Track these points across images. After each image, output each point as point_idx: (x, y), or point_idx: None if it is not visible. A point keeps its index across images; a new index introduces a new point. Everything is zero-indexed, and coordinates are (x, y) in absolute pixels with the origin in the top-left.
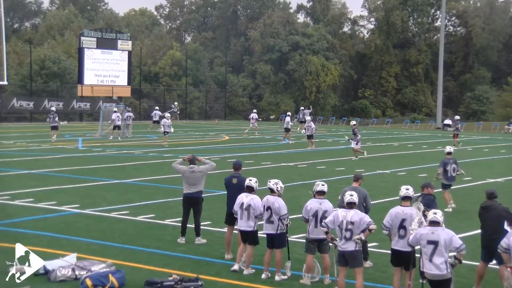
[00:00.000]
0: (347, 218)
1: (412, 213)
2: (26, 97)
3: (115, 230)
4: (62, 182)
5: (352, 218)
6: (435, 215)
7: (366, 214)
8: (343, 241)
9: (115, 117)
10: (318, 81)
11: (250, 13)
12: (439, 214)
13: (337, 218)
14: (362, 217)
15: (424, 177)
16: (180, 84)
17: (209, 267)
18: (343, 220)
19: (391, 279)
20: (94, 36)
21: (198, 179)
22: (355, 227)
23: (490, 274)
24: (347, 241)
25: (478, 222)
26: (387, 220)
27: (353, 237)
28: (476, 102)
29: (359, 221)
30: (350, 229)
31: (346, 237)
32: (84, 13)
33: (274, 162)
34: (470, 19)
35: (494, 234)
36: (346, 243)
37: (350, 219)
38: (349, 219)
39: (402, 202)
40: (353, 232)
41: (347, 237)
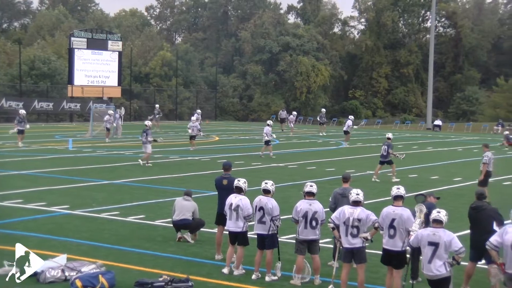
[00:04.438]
0: (354, 215)
1: (403, 214)
2: (15, 98)
3: (106, 230)
4: (52, 182)
5: (359, 215)
6: (438, 214)
7: (372, 212)
8: (349, 237)
9: (106, 119)
10: (308, 81)
11: (240, 13)
12: (443, 213)
13: (343, 214)
14: (368, 214)
15: (414, 177)
16: (170, 84)
17: (200, 268)
18: (349, 217)
19: (383, 279)
20: (85, 36)
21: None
22: (362, 224)
23: (478, 274)
24: (354, 237)
25: (468, 223)
26: (380, 220)
27: (359, 234)
28: (466, 103)
29: (366, 218)
30: (357, 226)
31: (352, 234)
32: (74, 13)
33: (264, 162)
34: (459, 20)
35: (483, 234)
36: (354, 239)
37: (357, 216)
38: (356, 216)
39: (394, 201)
40: (360, 229)
41: (354, 233)
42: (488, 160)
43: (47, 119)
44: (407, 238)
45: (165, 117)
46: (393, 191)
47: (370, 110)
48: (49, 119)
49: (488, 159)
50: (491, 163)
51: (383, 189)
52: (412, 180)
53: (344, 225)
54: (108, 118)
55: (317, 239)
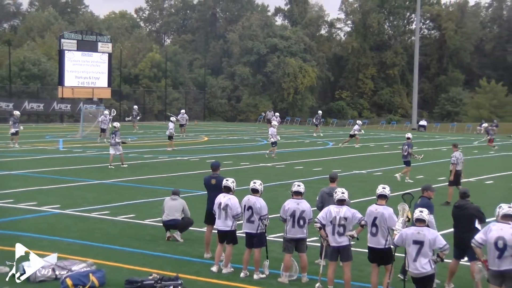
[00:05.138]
0: (340, 214)
1: (384, 212)
2: (5, 98)
3: (96, 230)
4: (42, 182)
5: (345, 214)
6: (421, 213)
7: (357, 211)
8: (336, 236)
9: (102, 119)
10: (295, 82)
11: (229, 16)
12: (425, 212)
13: (329, 214)
14: (354, 212)
15: (400, 176)
16: (159, 85)
17: (189, 266)
18: (336, 216)
19: (369, 277)
20: (75, 38)
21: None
22: (348, 222)
23: (461, 271)
24: (340, 236)
25: (451, 221)
26: (365, 218)
27: (345, 233)
28: (450, 104)
29: (352, 217)
30: (343, 224)
31: (339, 232)
32: (64, 15)
33: (252, 162)
34: (443, 22)
35: (466, 232)
36: (341, 238)
37: (343, 215)
38: (342, 215)
39: (377, 200)
40: (346, 228)
41: (341, 232)
42: (456, 160)
43: (37, 120)
44: (390, 237)
45: (154, 117)
46: (378, 190)
47: (356, 110)
48: (39, 120)
49: (456, 159)
50: (460, 162)
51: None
52: (397, 179)
53: (331, 224)
54: (104, 119)
55: (305, 237)
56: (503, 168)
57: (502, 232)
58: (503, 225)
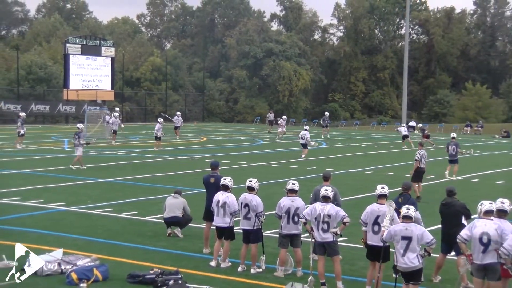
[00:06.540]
0: (324, 211)
1: (386, 211)
2: (13, 101)
3: (99, 226)
4: (48, 181)
5: (329, 212)
6: (408, 210)
7: (341, 208)
8: (320, 232)
9: (112, 121)
10: (290, 85)
11: (226, 21)
12: (412, 209)
13: (314, 210)
14: (338, 210)
15: (391, 175)
16: (160, 88)
17: (188, 261)
18: (320, 213)
19: (360, 272)
20: (79, 43)
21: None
22: (332, 219)
23: (447, 265)
24: (324, 232)
25: (439, 217)
26: (364, 217)
27: (330, 229)
28: (438, 105)
29: (335, 215)
30: (327, 221)
31: (323, 229)
32: (70, 21)
33: (249, 161)
34: (431, 28)
35: (453, 228)
36: (325, 234)
37: (327, 212)
38: (326, 212)
39: (378, 200)
40: (330, 224)
41: (325, 228)
42: (419, 157)
43: (43, 121)
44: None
45: (155, 119)
46: (378, 190)
47: (349, 112)
48: (45, 121)
49: (419, 156)
50: (423, 160)
51: (361, 187)
52: (388, 178)
53: (316, 220)
54: (114, 121)
55: (299, 233)
56: (489, 167)
57: (486, 228)
58: (486, 221)
